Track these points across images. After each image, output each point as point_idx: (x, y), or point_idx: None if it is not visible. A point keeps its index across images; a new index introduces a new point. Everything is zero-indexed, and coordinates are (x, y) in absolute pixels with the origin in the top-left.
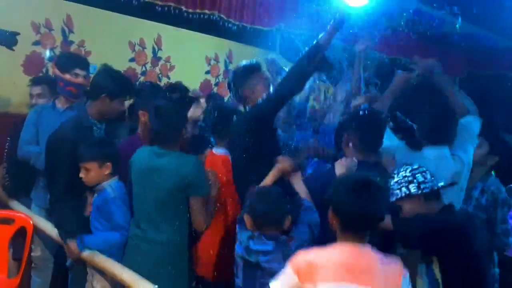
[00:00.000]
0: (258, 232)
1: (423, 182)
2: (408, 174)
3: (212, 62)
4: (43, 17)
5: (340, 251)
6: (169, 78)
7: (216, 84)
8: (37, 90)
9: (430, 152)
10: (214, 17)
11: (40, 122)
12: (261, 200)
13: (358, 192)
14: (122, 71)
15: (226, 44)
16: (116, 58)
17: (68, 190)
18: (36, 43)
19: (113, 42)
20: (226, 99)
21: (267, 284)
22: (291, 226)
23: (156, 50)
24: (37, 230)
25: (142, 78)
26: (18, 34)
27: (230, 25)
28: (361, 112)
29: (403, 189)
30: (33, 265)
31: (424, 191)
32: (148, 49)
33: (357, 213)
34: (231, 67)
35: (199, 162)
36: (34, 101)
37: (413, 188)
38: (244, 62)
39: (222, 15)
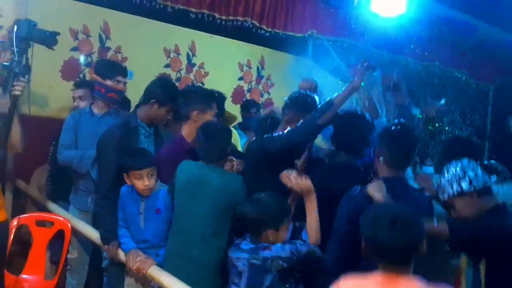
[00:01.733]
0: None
1: (475, 178)
2: (458, 170)
3: (245, 68)
4: (80, 23)
5: (377, 283)
6: (203, 84)
7: (249, 91)
8: (79, 92)
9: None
10: (247, 24)
11: (78, 127)
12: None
13: (394, 226)
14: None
15: (258, 50)
16: (152, 64)
17: (114, 188)
18: (74, 49)
19: (148, 49)
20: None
21: None
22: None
23: (191, 57)
24: (75, 233)
25: (176, 84)
26: (59, 34)
27: (262, 31)
28: (393, 127)
29: (455, 186)
30: (68, 267)
31: (476, 188)
32: (182, 56)
33: (395, 248)
34: (264, 73)
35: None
36: (76, 104)
37: (465, 185)
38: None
39: (254, 22)
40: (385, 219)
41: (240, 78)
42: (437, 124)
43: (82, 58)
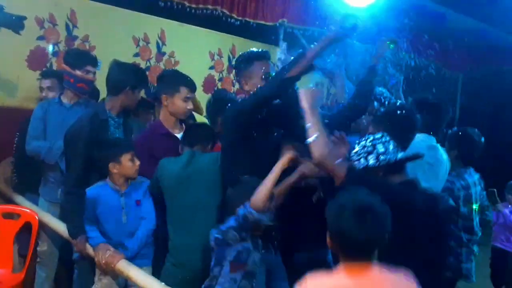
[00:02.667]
0: None
1: (383, 153)
2: (368, 144)
3: (216, 57)
4: (46, 12)
5: (340, 278)
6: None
7: (220, 80)
8: (47, 83)
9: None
10: (217, 12)
11: (47, 117)
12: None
13: (360, 219)
14: None
15: (229, 39)
16: (120, 53)
17: (82, 182)
18: (40, 38)
19: (117, 37)
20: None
21: None
22: None
23: (160, 45)
24: (43, 225)
25: (146, 73)
26: (25, 18)
27: (233, 20)
28: (398, 111)
29: (362, 160)
30: (38, 259)
31: (381, 163)
32: (152, 44)
33: (360, 241)
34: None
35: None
36: (44, 94)
37: (371, 160)
38: (251, 49)
39: (224, 10)
40: (351, 211)
41: (211, 67)
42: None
43: (50, 48)
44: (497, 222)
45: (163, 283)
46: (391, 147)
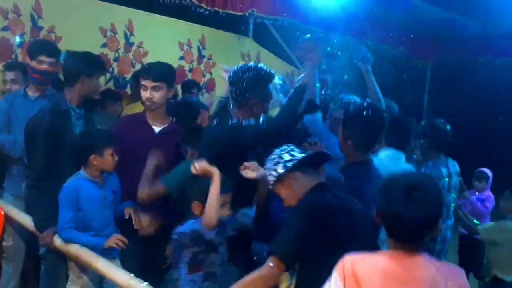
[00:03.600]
0: None
1: (290, 160)
2: (275, 156)
3: (185, 47)
4: (11, 2)
5: (388, 261)
6: (142, 64)
7: (190, 70)
8: (11, 75)
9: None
10: (186, 2)
11: (12, 110)
12: None
13: (411, 198)
14: None
15: (198, 29)
16: (88, 44)
17: (45, 175)
18: (5, 28)
19: (83, 28)
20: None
21: None
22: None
23: (128, 36)
24: (9, 220)
25: (115, 64)
26: None
27: (202, 10)
28: (364, 111)
29: (273, 173)
30: (4, 254)
31: (288, 168)
32: (120, 35)
33: (410, 222)
34: (205, 52)
35: None
36: (8, 87)
37: (280, 169)
38: (261, 65)
39: (193, 0)
40: (401, 189)
41: (181, 58)
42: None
43: (15, 39)
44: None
45: (132, 275)
46: (296, 153)
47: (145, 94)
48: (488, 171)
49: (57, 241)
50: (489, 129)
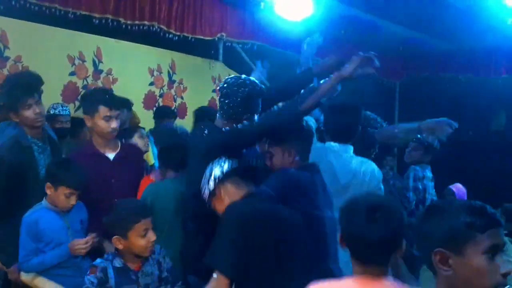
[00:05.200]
0: None
1: (221, 173)
2: (207, 173)
3: (156, 73)
4: None
5: (353, 286)
6: (112, 91)
7: (161, 96)
8: None
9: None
10: (154, 28)
11: None
12: None
13: (371, 218)
14: (63, 85)
15: (168, 54)
16: (56, 73)
17: (7, 211)
18: None
19: (51, 56)
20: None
21: None
22: None
23: (97, 63)
24: None
25: (83, 92)
26: None
27: (171, 35)
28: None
29: (206, 191)
30: None
31: (218, 181)
32: (88, 62)
33: (374, 243)
34: (175, 77)
35: None
36: None
37: (211, 185)
38: (254, 79)
39: (162, 26)
40: (363, 210)
41: (151, 83)
42: None
43: None
44: None
45: None
46: (226, 165)
47: (111, 124)
48: (453, 187)
49: (23, 275)
50: (458, 142)
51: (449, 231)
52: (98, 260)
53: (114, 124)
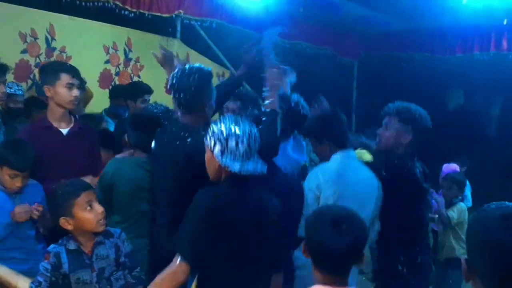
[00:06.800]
0: None
1: None
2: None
3: (111, 51)
4: None
5: None
6: None
7: (117, 74)
8: None
9: None
10: (109, 5)
11: None
12: None
13: (334, 228)
14: (14, 64)
15: (124, 32)
16: (7, 51)
17: None
18: None
19: (1, 34)
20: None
21: None
22: None
23: (50, 41)
24: None
25: (36, 70)
26: None
27: (126, 12)
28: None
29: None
30: None
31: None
32: (41, 40)
33: (336, 253)
34: (132, 55)
35: None
36: None
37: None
38: (199, 65)
39: (117, 2)
40: (327, 221)
41: (107, 62)
42: None
43: None
44: None
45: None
46: None
47: (72, 93)
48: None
49: None
50: None
51: None
52: (52, 246)
53: (76, 92)
